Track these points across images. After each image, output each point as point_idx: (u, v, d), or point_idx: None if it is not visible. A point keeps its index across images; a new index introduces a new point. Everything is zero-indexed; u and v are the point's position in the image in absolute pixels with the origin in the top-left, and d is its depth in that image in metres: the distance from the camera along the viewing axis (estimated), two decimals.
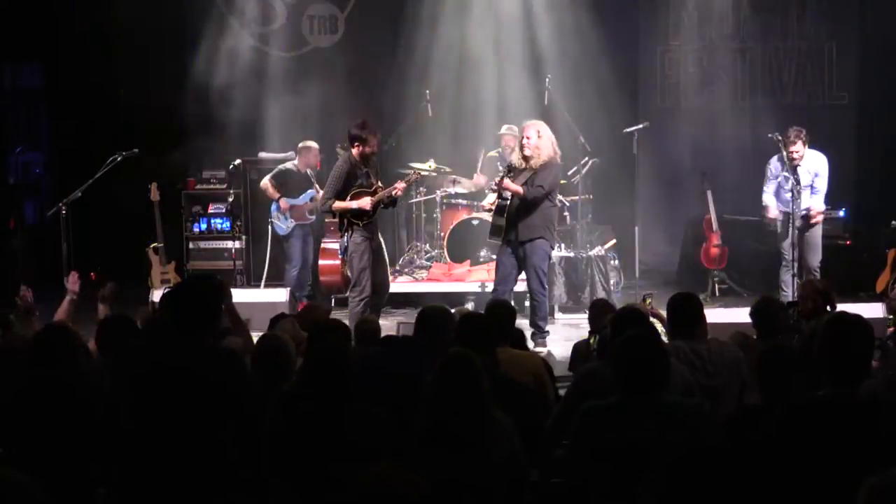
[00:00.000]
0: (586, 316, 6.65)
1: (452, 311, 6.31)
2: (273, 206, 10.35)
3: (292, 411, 4.07)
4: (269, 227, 10.48)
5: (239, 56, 11.42)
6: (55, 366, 4.39)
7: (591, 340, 5.72)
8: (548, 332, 8.55)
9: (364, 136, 8.20)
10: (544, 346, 8.35)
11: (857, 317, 3.82)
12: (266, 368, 4.64)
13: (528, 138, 8.23)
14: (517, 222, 8.25)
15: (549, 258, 8.62)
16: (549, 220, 8.37)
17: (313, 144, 10.41)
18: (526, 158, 8.25)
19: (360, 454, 3.69)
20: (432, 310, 5.35)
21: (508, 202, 8.29)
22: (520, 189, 8.16)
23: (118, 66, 11.41)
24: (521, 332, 6.19)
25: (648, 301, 6.54)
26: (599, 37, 11.18)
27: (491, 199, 8.84)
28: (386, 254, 8.76)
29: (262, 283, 10.73)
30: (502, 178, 8.34)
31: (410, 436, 3.93)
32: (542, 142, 8.22)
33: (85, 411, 4.13)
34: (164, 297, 5.28)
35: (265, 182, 10.27)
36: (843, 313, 3.98)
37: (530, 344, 7.44)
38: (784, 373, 4.08)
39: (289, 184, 10.26)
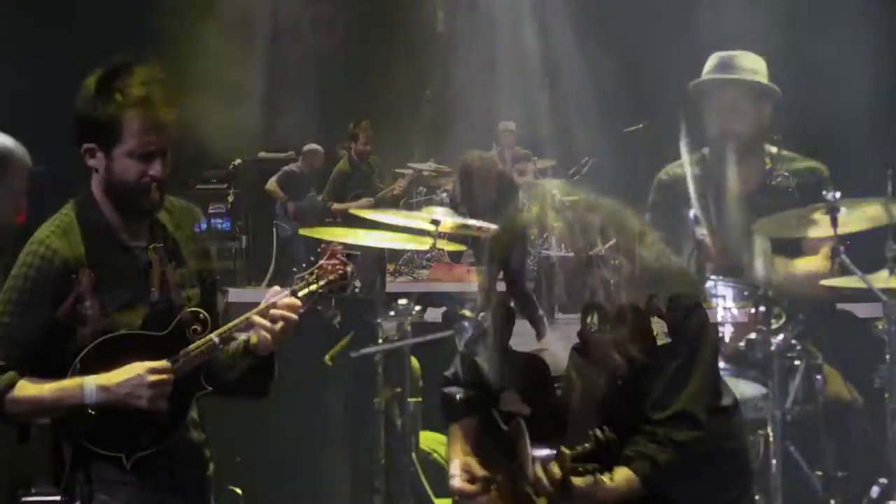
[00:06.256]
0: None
1: None
2: (278, 208, 10.35)
3: None
4: (274, 228, 10.49)
5: (239, 56, 11.41)
6: None
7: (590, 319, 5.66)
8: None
9: (354, 133, 8.28)
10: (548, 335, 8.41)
11: None
12: None
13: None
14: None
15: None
16: None
17: (318, 148, 10.40)
18: None
19: None
20: None
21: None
22: None
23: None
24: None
25: (656, 301, 6.50)
26: (599, 36, 11.17)
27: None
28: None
29: (266, 282, 10.72)
30: None
31: None
32: None
33: None
34: None
35: (272, 185, 10.28)
36: None
37: (540, 341, 7.41)
38: None
39: (292, 186, 10.27)
